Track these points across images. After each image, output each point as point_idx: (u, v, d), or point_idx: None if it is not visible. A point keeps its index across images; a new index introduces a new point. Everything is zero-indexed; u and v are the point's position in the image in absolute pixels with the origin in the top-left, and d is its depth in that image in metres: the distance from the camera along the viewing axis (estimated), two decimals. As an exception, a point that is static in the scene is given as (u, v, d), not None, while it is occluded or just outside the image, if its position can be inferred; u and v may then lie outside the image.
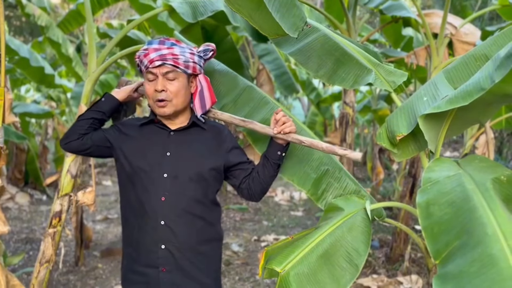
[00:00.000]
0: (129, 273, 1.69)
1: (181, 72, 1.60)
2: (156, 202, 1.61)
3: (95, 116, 1.74)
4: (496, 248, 1.07)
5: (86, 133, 1.72)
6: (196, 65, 1.64)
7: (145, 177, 1.63)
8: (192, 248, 1.63)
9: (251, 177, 1.69)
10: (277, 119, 1.62)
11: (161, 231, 1.61)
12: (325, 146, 1.65)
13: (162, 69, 1.58)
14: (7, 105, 2.05)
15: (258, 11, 1.59)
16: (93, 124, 1.73)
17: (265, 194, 1.74)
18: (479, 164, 1.49)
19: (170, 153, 1.64)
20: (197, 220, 1.64)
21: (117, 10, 10.73)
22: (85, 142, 1.72)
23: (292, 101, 12.44)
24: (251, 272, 4.02)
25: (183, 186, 1.62)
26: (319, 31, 2.05)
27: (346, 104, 3.81)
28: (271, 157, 1.66)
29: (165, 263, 1.61)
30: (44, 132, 8.06)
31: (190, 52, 1.62)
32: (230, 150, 1.71)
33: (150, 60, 1.57)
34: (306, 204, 6.69)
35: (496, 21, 6.65)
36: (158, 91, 1.58)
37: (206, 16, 2.47)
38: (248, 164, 1.73)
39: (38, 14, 4.30)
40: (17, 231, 5.11)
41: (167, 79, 1.59)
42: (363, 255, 1.55)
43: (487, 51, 1.81)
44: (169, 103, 1.60)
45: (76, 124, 1.75)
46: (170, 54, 1.57)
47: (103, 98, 1.78)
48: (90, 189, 2.34)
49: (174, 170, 1.62)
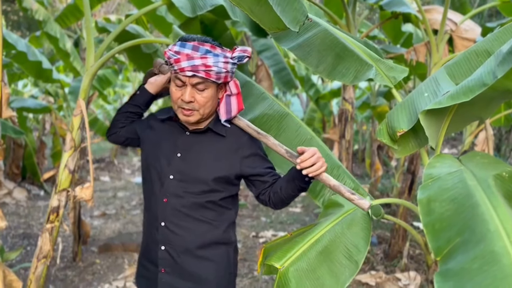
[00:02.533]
0: (139, 265, 1.72)
1: (211, 83, 1.51)
2: (159, 202, 1.59)
3: (130, 109, 1.79)
4: (498, 245, 1.06)
5: (123, 126, 1.79)
6: (229, 74, 1.53)
7: (154, 175, 1.61)
8: (192, 251, 1.58)
9: (273, 190, 1.57)
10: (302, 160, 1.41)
11: (161, 233, 1.59)
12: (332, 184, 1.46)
13: (192, 80, 1.48)
14: (4, 100, 2.04)
15: (258, 5, 1.57)
16: (129, 117, 1.79)
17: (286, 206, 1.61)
18: (480, 160, 1.48)
19: (180, 154, 1.59)
20: (199, 224, 1.58)
21: (115, 5, 10.67)
22: (122, 135, 1.80)
23: (290, 97, 12.41)
24: (249, 268, 4.02)
25: (186, 190, 1.57)
26: (319, 26, 2.04)
27: (346, 101, 3.80)
28: (298, 180, 1.50)
29: (164, 264, 1.59)
30: (41, 127, 8.02)
31: (224, 61, 1.49)
32: (247, 157, 1.59)
33: (181, 69, 1.47)
34: (304, 201, 6.69)
35: (495, 17, 6.65)
36: (185, 102, 1.50)
37: (205, 10, 2.44)
38: (267, 176, 1.60)
39: (36, 9, 4.26)
40: (15, 227, 5.10)
41: (196, 89, 1.50)
42: (363, 252, 1.54)
43: (489, 46, 1.80)
44: (195, 112, 1.52)
45: (115, 118, 1.82)
46: (203, 66, 1.46)
47: (138, 91, 1.80)
48: (88, 185, 2.33)
49: (180, 173, 1.58)
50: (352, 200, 1.43)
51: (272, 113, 1.94)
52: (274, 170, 1.64)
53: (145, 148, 1.69)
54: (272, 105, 1.97)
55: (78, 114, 2.35)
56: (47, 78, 4.64)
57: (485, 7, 3.71)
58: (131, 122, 1.79)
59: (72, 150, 2.36)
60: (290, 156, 1.50)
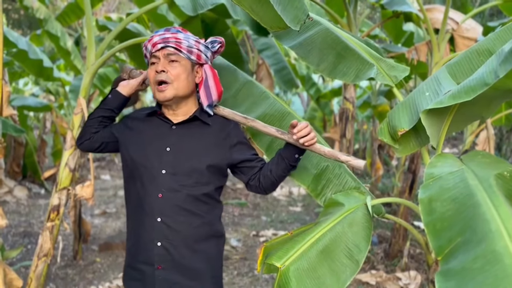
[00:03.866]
0: (128, 268, 1.69)
1: (184, 57, 1.57)
2: (154, 199, 1.59)
3: (103, 114, 1.76)
4: (500, 245, 1.06)
5: (96, 132, 1.75)
6: (201, 54, 1.61)
7: (144, 173, 1.61)
8: (189, 245, 1.59)
9: (262, 174, 1.64)
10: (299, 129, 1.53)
11: (157, 228, 1.58)
12: (327, 150, 1.60)
13: (164, 51, 1.56)
14: (5, 98, 2.04)
15: (259, 4, 1.56)
16: (102, 122, 1.76)
17: (276, 188, 1.69)
18: (482, 160, 1.48)
19: (170, 148, 1.61)
20: (194, 217, 1.60)
21: (116, 3, 10.67)
22: (96, 140, 1.75)
23: (291, 96, 12.41)
24: (250, 267, 4.02)
25: (181, 183, 1.58)
26: (320, 24, 2.03)
27: (346, 100, 3.80)
28: (288, 158, 1.60)
29: (161, 260, 1.59)
30: (42, 126, 8.03)
31: (195, 40, 1.60)
32: (234, 145, 1.65)
33: (153, 44, 1.57)
34: (305, 200, 6.69)
35: (497, 17, 6.64)
36: (158, 72, 1.56)
37: (206, 9, 2.44)
38: (255, 161, 1.67)
39: (37, 7, 4.26)
40: (15, 225, 5.10)
41: (169, 61, 1.57)
42: (364, 251, 1.53)
43: (491, 46, 1.79)
44: (170, 86, 1.55)
45: (86, 124, 1.78)
46: (173, 38, 1.56)
47: (110, 95, 1.77)
48: (89, 183, 2.33)
49: (173, 167, 1.59)
50: (348, 161, 1.56)
51: (273, 113, 1.93)
52: (259, 156, 1.70)
53: (129, 149, 1.67)
54: (274, 104, 1.96)
55: (79, 113, 2.35)
56: (48, 76, 4.65)
57: (487, 6, 3.70)
58: (104, 127, 1.76)
59: (72, 148, 2.36)
60: (281, 134, 1.60)
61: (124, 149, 1.69)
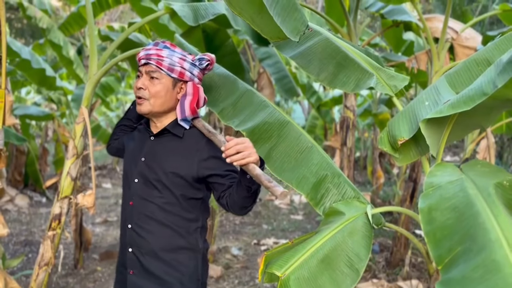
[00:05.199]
0: (116, 271, 1.79)
1: (164, 74, 1.60)
2: (127, 206, 1.67)
3: (124, 123, 1.91)
4: (500, 254, 1.06)
5: (117, 138, 1.91)
6: (185, 72, 1.62)
7: (125, 181, 1.71)
8: (155, 254, 1.62)
9: (228, 193, 1.56)
10: (226, 147, 1.40)
11: (128, 235, 1.66)
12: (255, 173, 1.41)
13: (146, 68, 1.61)
14: (8, 107, 2.05)
15: (260, 15, 1.58)
16: (123, 130, 1.90)
17: (246, 210, 1.57)
18: (481, 169, 1.48)
19: (144, 158, 1.67)
20: (162, 228, 1.62)
21: (118, 13, 10.75)
22: (113, 146, 1.92)
23: (292, 104, 12.44)
24: (251, 276, 4.01)
25: (149, 193, 1.63)
26: (320, 34, 2.05)
27: (347, 108, 3.81)
28: (242, 180, 1.48)
29: (132, 265, 1.65)
30: (44, 134, 8.06)
31: (181, 57, 1.62)
32: (206, 159, 1.60)
33: (138, 58, 1.63)
34: (306, 208, 6.68)
35: (496, 26, 6.66)
36: (137, 88, 1.62)
37: (207, 19, 2.46)
38: (225, 178, 1.59)
39: (40, 17, 4.30)
40: (16, 234, 5.10)
41: (150, 78, 1.61)
42: (364, 260, 1.53)
43: (489, 55, 1.80)
44: (146, 102, 1.61)
45: (113, 131, 1.96)
46: (156, 55, 1.59)
47: (131, 106, 1.91)
48: (90, 192, 2.33)
49: (143, 176, 1.64)
50: (268, 188, 1.38)
51: (272, 121, 1.94)
52: (236, 174, 1.59)
53: (124, 156, 1.79)
54: (273, 113, 1.97)
55: (81, 122, 2.36)
56: (50, 85, 4.67)
57: (486, 15, 3.73)
58: (124, 135, 1.88)
59: (74, 157, 2.37)
60: None
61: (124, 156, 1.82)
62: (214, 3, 2.57)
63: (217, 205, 4.26)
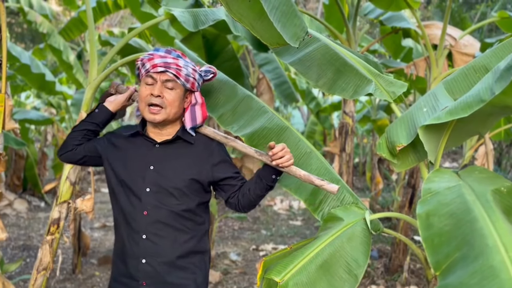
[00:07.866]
0: (113, 282, 1.71)
1: (180, 84, 1.61)
2: (139, 216, 1.62)
3: (88, 127, 1.78)
4: (497, 260, 1.07)
5: (79, 144, 1.76)
6: (195, 82, 1.64)
7: (128, 191, 1.64)
8: (173, 262, 1.62)
9: (241, 192, 1.65)
10: (274, 152, 1.53)
11: (142, 245, 1.61)
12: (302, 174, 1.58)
13: (163, 76, 1.58)
14: (7, 112, 2.05)
15: (259, 21, 1.59)
16: (86, 135, 1.77)
17: (254, 208, 1.71)
18: (479, 175, 1.49)
19: (153, 166, 1.64)
20: (179, 234, 1.62)
21: (118, 18, 10.79)
22: (78, 153, 1.76)
23: (291, 110, 12.46)
24: (249, 282, 4.00)
25: (165, 200, 1.61)
26: (320, 41, 2.06)
27: (346, 114, 3.82)
28: (265, 179, 1.61)
29: (145, 277, 1.61)
30: (43, 139, 8.06)
31: (193, 68, 1.63)
32: (217, 164, 1.67)
33: (154, 65, 1.58)
34: (305, 214, 6.67)
35: (495, 32, 6.70)
36: (154, 96, 1.58)
37: (207, 25, 2.47)
38: (236, 179, 1.69)
39: (40, 21, 4.32)
40: (15, 238, 5.09)
41: (165, 87, 1.59)
42: (363, 266, 1.54)
43: (487, 62, 1.82)
44: (162, 111, 1.59)
45: (70, 135, 1.79)
46: (174, 64, 1.58)
47: (97, 110, 1.79)
48: (89, 196, 2.33)
49: (156, 184, 1.62)
50: (322, 185, 1.55)
51: (271, 127, 1.95)
52: (241, 175, 1.72)
53: (112, 166, 1.69)
54: (272, 118, 1.98)
55: (80, 127, 2.36)
56: (50, 90, 4.69)
57: (484, 22, 3.76)
58: (88, 140, 1.77)
59: (73, 162, 2.37)
60: (259, 155, 1.60)
61: (107, 165, 1.71)
62: (214, 9, 2.59)
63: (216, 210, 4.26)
